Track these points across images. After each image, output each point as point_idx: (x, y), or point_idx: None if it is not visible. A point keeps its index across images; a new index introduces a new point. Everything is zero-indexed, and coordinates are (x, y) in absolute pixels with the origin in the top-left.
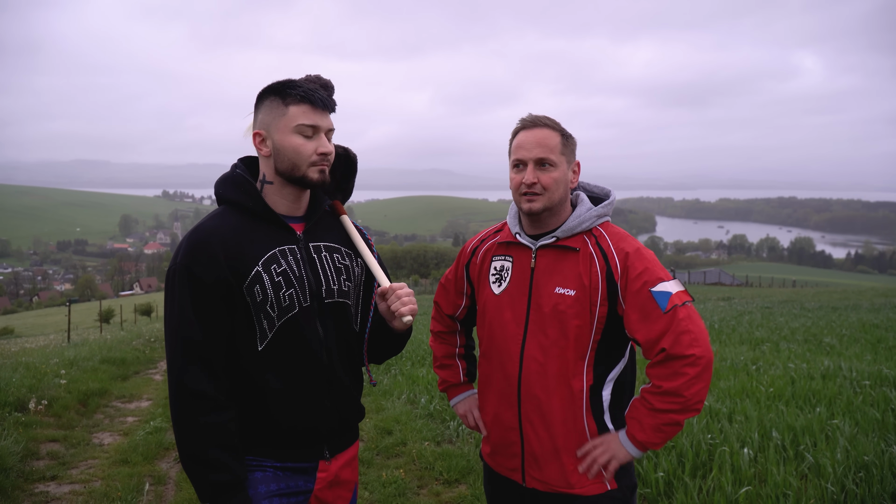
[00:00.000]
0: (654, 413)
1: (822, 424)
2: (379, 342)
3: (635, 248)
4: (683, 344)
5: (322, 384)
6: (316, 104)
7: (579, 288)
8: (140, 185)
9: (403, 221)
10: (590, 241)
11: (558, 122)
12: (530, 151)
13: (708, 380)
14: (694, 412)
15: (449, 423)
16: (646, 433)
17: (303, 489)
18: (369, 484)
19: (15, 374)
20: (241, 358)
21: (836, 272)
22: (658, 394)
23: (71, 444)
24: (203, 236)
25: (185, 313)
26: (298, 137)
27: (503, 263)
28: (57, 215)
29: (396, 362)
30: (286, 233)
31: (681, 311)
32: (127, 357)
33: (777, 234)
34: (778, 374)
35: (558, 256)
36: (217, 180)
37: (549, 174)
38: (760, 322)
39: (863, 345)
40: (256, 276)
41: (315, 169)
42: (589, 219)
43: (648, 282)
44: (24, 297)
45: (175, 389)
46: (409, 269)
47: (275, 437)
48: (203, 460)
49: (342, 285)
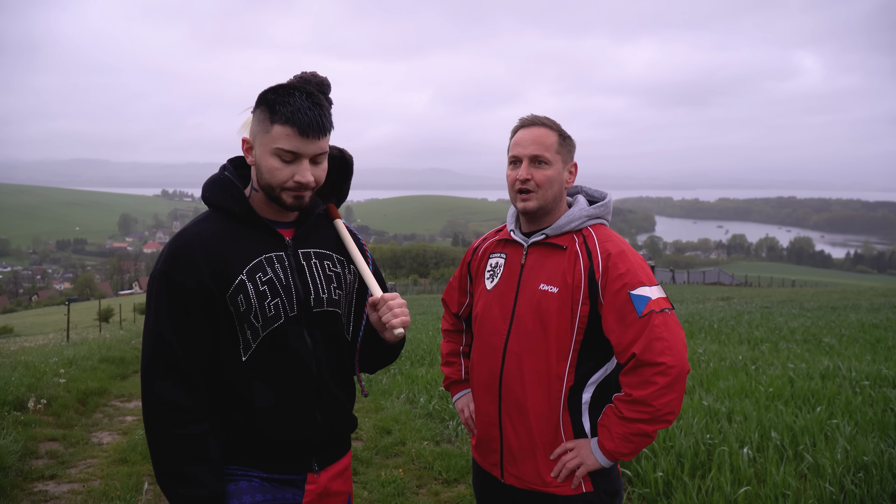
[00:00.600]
0: (623, 422)
1: (822, 424)
2: (371, 352)
3: (620, 249)
4: (655, 351)
5: (311, 396)
6: (302, 129)
7: (562, 285)
8: (139, 185)
9: (403, 221)
10: (577, 241)
11: (558, 123)
12: (526, 148)
13: (680, 391)
14: (664, 424)
15: (448, 422)
16: (614, 442)
17: (290, 501)
18: (368, 483)
19: (14, 373)
20: (224, 369)
21: (836, 272)
22: (627, 402)
23: (70, 444)
24: (185, 242)
25: (161, 321)
26: (276, 160)
27: (497, 260)
28: (56, 214)
29: (395, 362)
30: (274, 239)
31: (657, 318)
32: (126, 356)
33: (776, 234)
34: (777, 374)
35: (546, 254)
36: (204, 182)
37: (542, 171)
38: (760, 322)
39: (862, 345)
40: (240, 284)
41: (289, 195)
42: (579, 218)
43: (628, 284)
44: (23, 296)
45: (147, 400)
46: (409, 269)
47: (261, 450)
48: (177, 476)
49: (332, 294)
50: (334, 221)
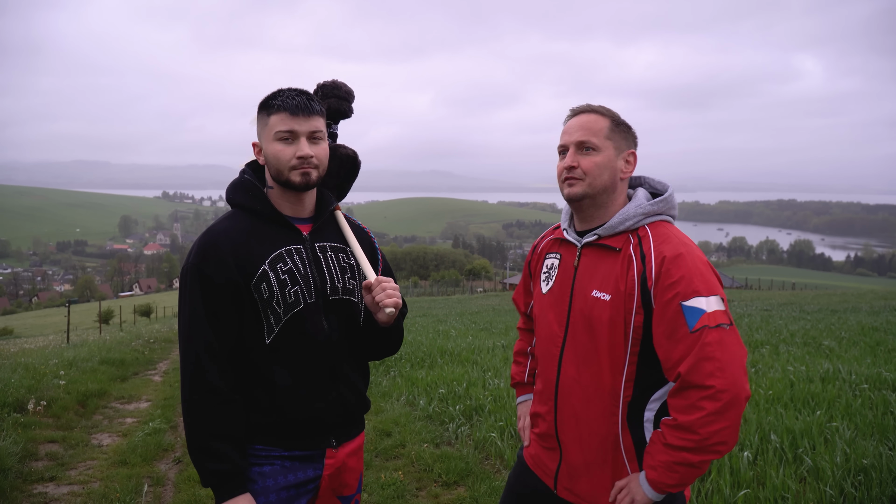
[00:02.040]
0: (667, 449)
1: (821, 427)
2: (369, 337)
3: (677, 252)
4: (703, 372)
5: (327, 377)
6: (292, 111)
7: (615, 293)
8: (140, 186)
9: (403, 223)
10: (632, 241)
11: (613, 111)
12: (572, 135)
13: (733, 420)
14: (714, 454)
15: (448, 425)
16: (657, 471)
17: (311, 477)
18: (368, 486)
19: (14, 375)
20: (250, 351)
21: (836, 275)
22: (672, 427)
23: (70, 445)
24: (213, 238)
25: (196, 311)
26: (278, 144)
27: (552, 261)
28: (56, 216)
29: (395, 364)
30: (293, 233)
31: (710, 334)
32: (126, 358)
33: (777, 237)
34: (777, 377)
35: (600, 256)
36: (228, 186)
37: (590, 158)
38: (759, 325)
39: (862, 348)
40: (263, 274)
41: (296, 172)
42: (635, 216)
43: (681, 293)
44: (23, 297)
45: (186, 382)
46: (409, 271)
47: (282, 427)
48: (207, 450)
49: (346, 283)
50: (334, 213)
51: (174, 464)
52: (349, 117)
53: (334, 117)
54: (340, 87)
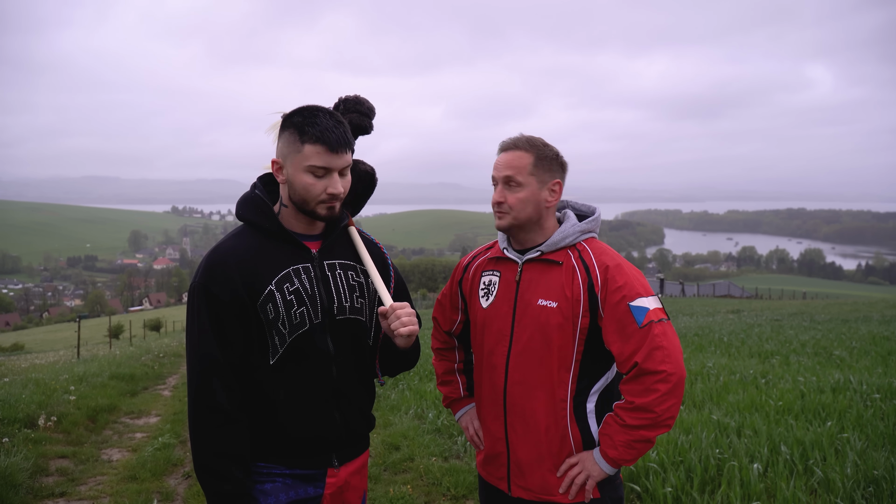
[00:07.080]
0: (625, 429)
1: (832, 438)
2: (387, 357)
3: (617, 262)
4: (656, 360)
5: (330, 396)
6: (332, 146)
7: (562, 300)
8: (149, 201)
9: (411, 235)
10: (573, 255)
11: (540, 143)
12: (499, 171)
13: (679, 396)
14: (664, 428)
15: (457, 438)
16: (617, 450)
17: (312, 496)
18: (377, 500)
19: (24, 391)
20: (254, 371)
21: (847, 284)
22: (630, 410)
23: (80, 461)
24: (220, 256)
25: (203, 329)
26: (310, 177)
27: (491, 278)
28: (67, 231)
29: (405, 377)
30: (301, 252)
31: (656, 328)
32: (136, 373)
33: (786, 246)
34: (787, 388)
35: (543, 270)
36: (238, 200)
37: (515, 194)
38: (770, 335)
39: (873, 357)
40: (269, 294)
41: (323, 206)
42: (573, 234)
43: (627, 296)
44: (34, 312)
45: (192, 401)
46: (417, 283)
47: (284, 446)
48: (212, 469)
49: (354, 302)
50: (348, 229)
51: (183, 479)
52: (369, 133)
53: (354, 133)
54: (363, 104)
